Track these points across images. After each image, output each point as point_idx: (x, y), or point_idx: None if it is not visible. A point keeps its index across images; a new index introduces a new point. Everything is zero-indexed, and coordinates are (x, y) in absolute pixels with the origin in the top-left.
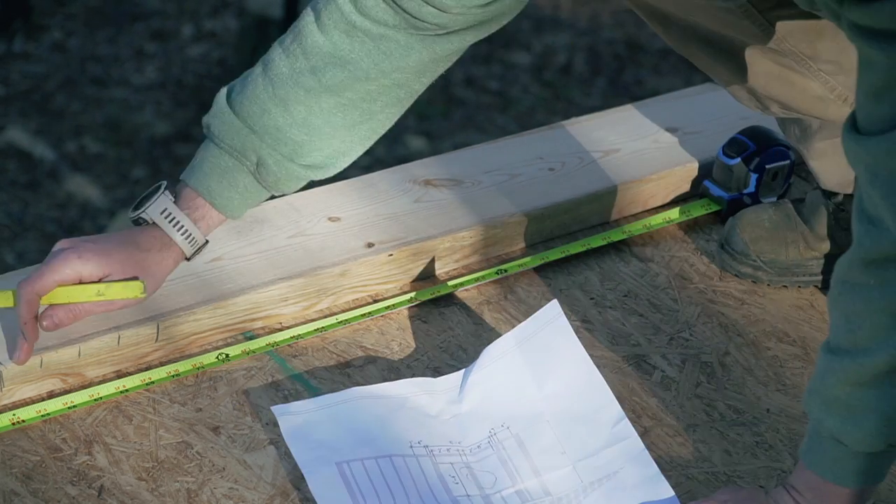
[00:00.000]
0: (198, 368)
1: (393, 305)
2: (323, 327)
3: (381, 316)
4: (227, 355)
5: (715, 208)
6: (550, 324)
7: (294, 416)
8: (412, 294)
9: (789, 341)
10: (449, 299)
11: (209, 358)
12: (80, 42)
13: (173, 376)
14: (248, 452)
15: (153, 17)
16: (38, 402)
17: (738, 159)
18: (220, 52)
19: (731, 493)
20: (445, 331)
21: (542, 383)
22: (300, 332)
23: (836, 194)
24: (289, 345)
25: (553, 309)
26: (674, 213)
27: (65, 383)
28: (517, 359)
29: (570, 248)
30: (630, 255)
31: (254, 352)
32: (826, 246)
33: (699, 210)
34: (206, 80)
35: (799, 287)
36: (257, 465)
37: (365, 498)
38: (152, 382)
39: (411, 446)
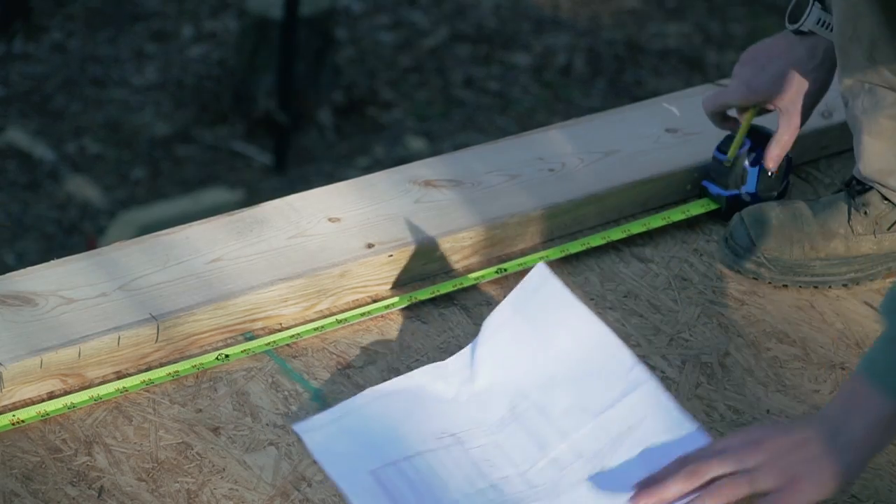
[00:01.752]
0: (197, 368)
1: (392, 305)
2: (322, 327)
3: (381, 316)
4: (226, 356)
5: (714, 207)
6: (543, 286)
7: (316, 432)
8: (412, 294)
9: (789, 341)
10: (449, 299)
11: (209, 358)
12: (80, 43)
13: (173, 376)
14: (248, 453)
15: (153, 18)
16: (39, 402)
17: (725, 161)
18: (220, 53)
19: (760, 429)
20: (445, 331)
21: (549, 344)
22: (300, 332)
23: (862, 194)
24: (288, 345)
25: (541, 271)
26: (674, 214)
27: (65, 384)
28: (518, 326)
29: (569, 248)
30: (630, 256)
31: (253, 351)
32: (832, 248)
33: (699, 209)
34: (206, 80)
35: (799, 287)
36: (257, 466)
37: (408, 501)
38: (152, 382)
39: (439, 438)
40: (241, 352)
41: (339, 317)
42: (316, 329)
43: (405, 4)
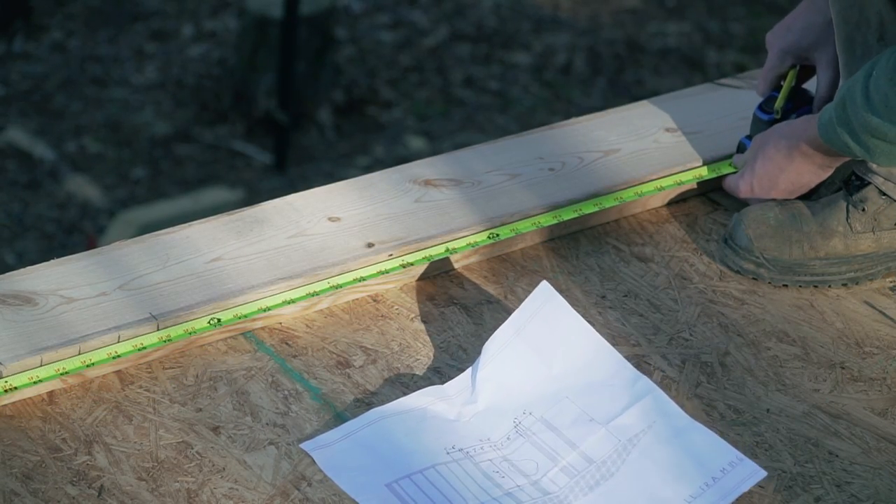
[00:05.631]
0: (190, 333)
1: (385, 270)
2: (315, 292)
3: (381, 316)
4: (218, 320)
5: (707, 177)
6: (546, 304)
7: (326, 449)
8: (403, 259)
9: (789, 341)
10: (449, 299)
11: (201, 323)
12: (80, 42)
13: (165, 341)
14: (248, 452)
15: (153, 17)
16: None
17: (774, 115)
18: (220, 52)
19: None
20: (445, 331)
21: (551, 363)
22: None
23: (859, 190)
24: (288, 344)
25: (545, 289)
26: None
27: (64, 383)
28: (520, 346)
29: (562, 214)
30: (630, 255)
31: (245, 317)
32: (831, 247)
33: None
34: (206, 80)
35: (799, 287)
36: (257, 465)
37: None
38: (144, 348)
39: (448, 452)
40: (233, 316)
41: (332, 281)
42: (307, 294)
43: (405, 4)
